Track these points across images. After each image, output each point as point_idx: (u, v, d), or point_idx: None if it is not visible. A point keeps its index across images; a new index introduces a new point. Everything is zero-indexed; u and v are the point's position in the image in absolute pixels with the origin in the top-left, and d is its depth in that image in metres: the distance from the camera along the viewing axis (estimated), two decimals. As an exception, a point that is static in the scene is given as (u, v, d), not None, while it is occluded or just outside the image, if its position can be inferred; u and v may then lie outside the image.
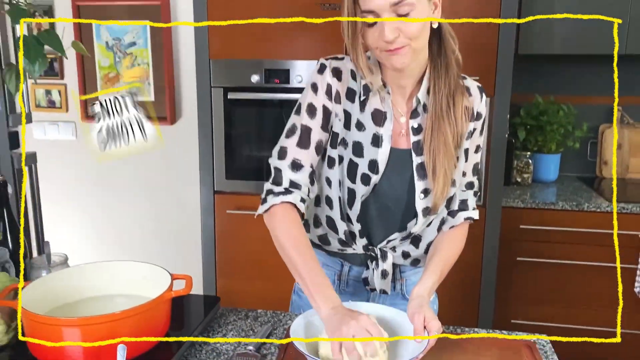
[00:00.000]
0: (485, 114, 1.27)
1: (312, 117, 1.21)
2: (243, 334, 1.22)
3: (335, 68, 1.21)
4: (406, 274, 1.35)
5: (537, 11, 2.44)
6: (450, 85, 1.18)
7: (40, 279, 1.14)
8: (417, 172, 1.20)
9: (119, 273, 1.20)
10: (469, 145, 1.25)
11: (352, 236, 1.28)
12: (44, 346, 1.00)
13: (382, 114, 1.20)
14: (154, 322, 1.06)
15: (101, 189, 2.84)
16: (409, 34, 1.08)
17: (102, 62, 2.61)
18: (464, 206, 1.29)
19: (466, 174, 1.28)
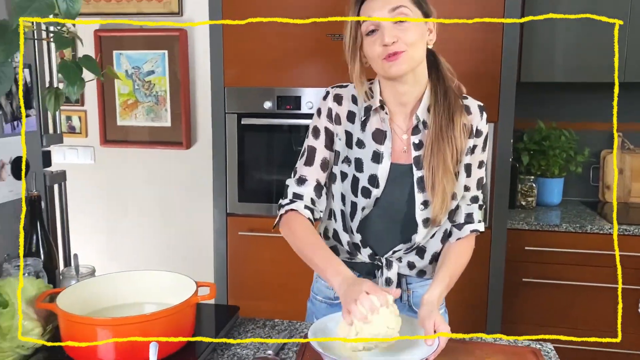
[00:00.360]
0: (486, 132, 1.35)
1: (316, 138, 1.36)
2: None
3: (336, 94, 1.35)
4: (413, 286, 1.41)
5: (539, 35, 2.55)
6: (450, 107, 1.27)
7: (72, 286, 1.22)
8: (417, 185, 1.29)
9: (147, 282, 1.28)
10: (471, 160, 1.33)
11: (356, 247, 1.37)
12: (80, 346, 1.07)
13: (382, 133, 1.30)
14: (182, 325, 1.13)
15: (118, 211, 2.92)
16: (407, 40, 1.20)
17: (122, 90, 2.73)
18: (469, 219, 1.36)
19: (470, 189, 1.36)
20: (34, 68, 1.45)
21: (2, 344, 1.10)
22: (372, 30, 1.22)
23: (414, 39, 1.21)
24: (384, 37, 1.19)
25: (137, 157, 2.83)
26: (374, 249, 1.36)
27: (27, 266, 1.31)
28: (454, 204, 1.33)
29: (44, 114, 1.49)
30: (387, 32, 1.19)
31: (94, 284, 1.25)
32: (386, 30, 1.19)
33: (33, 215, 1.41)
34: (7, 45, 1.20)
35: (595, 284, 2.43)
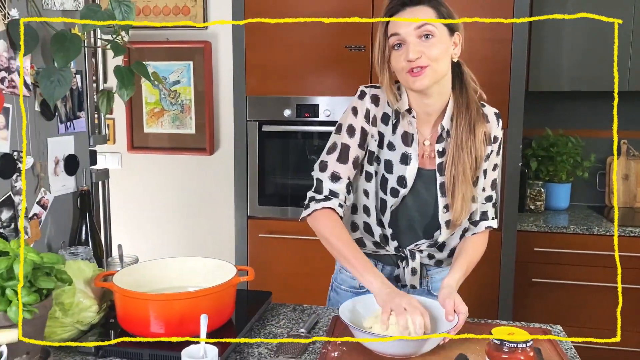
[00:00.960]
0: (500, 137, 1.44)
1: (351, 136, 1.41)
2: (293, 321, 1.41)
3: (374, 95, 1.41)
4: (431, 272, 1.53)
5: (547, 46, 2.68)
6: (471, 119, 1.35)
7: (124, 269, 1.34)
8: (439, 189, 1.39)
9: (191, 267, 1.40)
10: (488, 165, 1.44)
11: (386, 239, 1.47)
12: (135, 319, 1.19)
13: (409, 135, 1.39)
14: (225, 302, 1.25)
15: (143, 214, 3.05)
16: (430, 55, 1.27)
17: (149, 99, 2.88)
18: (484, 217, 1.47)
19: (485, 189, 1.46)
20: (84, 74, 1.59)
21: (64, 319, 1.23)
22: (399, 45, 1.30)
23: (438, 54, 1.28)
24: (408, 53, 1.26)
25: (163, 162, 2.97)
26: (400, 242, 1.47)
27: (79, 253, 1.44)
28: (475, 206, 1.43)
29: (92, 117, 1.63)
30: (412, 48, 1.26)
31: (143, 269, 1.37)
32: (411, 46, 1.26)
33: (83, 208, 1.54)
34: (65, 52, 1.34)
35: (602, 284, 2.52)
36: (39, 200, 1.44)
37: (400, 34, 1.28)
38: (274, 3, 2.55)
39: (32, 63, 1.39)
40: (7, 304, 1.05)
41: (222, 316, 1.26)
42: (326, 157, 1.43)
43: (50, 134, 1.48)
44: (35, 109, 1.42)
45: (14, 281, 1.06)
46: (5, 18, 1.30)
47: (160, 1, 2.82)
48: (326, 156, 1.43)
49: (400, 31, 1.28)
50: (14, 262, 1.06)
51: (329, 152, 1.43)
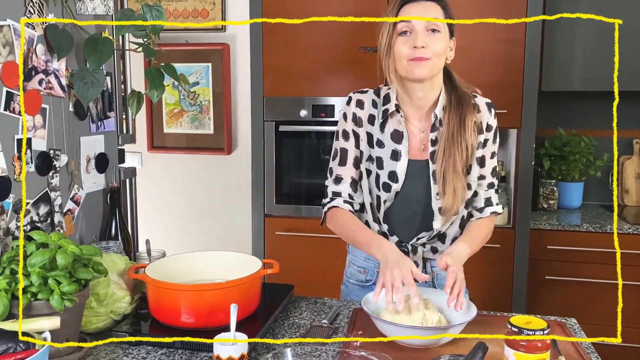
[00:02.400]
0: (495, 125, 1.51)
1: (346, 140, 1.53)
2: (315, 313, 1.46)
3: (358, 99, 1.52)
4: (436, 268, 1.57)
5: (559, 46, 2.72)
6: (462, 112, 1.43)
7: (155, 262, 1.40)
8: (432, 177, 1.46)
9: (218, 260, 1.46)
10: (484, 153, 1.49)
11: (384, 235, 1.52)
12: (166, 309, 1.25)
13: (400, 133, 1.47)
14: (252, 293, 1.31)
15: (163, 213, 3.12)
16: (434, 49, 1.36)
17: (168, 100, 2.95)
18: (488, 203, 1.54)
19: (486, 177, 1.52)
20: (114, 76, 1.66)
21: (99, 309, 1.29)
22: (405, 32, 1.37)
23: (441, 49, 1.37)
24: (416, 40, 1.34)
25: (182, 162, 3.04)
26: (400, 236, 1.52)
27: (110, 248, 1.51)
28: (469, 194, 1.49)
29: (120, 117, 1.69)
30: (420, 37, 1.34)
31: (172, 262, 1.43)
32: (419, 34, 1.35)
33: (113, 204, 1.61)
34: (98, 55, 1.41)
35: (615, 281, 2.55)
36: (72, 196, 1.51)
37: (411, 22, 1.35)
38: (290, 5, 2.61)
39: (66, 65, 1.45)
40: (50, 292, 1.12)
41: (249, 307, 1.32)
42: (331, 163, 1.57)
43: (82, 133, 1.54)
44: (69, 109, 1.49)
45: (56, 271, 1.13)
46: (43, 23, 1.36)
47: (180, 4, 2.89)
48: (331, 162, 1.57)
49: (411, 19, 1.35)
50: (57, 254, 1.12)
51: (332, 159, 1.56)
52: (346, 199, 1.52)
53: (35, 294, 1.11)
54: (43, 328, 1.07)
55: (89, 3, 1.51)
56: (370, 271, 1.60)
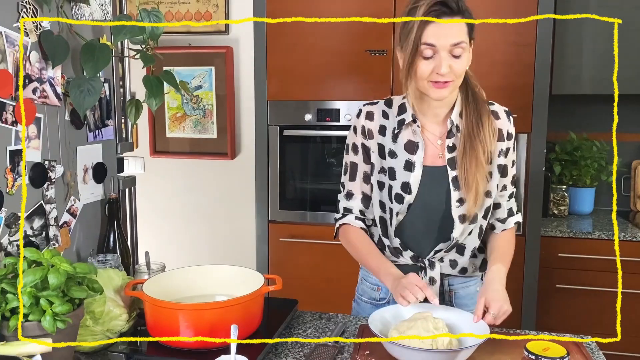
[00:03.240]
0: (514, 134, 1.46)
1: (355, 154, 1.49)
2: (320, 330, 1.40)
3: (368, 112, 1.47)
4: (455, 287, 1.50)
5: (570, 49, 2.65)
6: (478, 110, 1.39)
7: (154, 277, 1.35)
8: (452, 184, 1.40)
9: (219, 275, 1.40)
10: (506, 162, 1.45)
11: (397, 250, 1.47)
12: (164, 328, 1.20)
13: (414, 143, 1.41)
14: (253, 312, 1.26)
15: (165, 218, 3.08)
16: (457, 72, 1.31)
17: (171, 104, 2.90)
18: (511, 213, 1.50)
19: (507, 187, 1.48)
20: (112, 83, 1.61)
21: (94, 327, 1.24)
22: (430, 56, 1.29)
23: (463, 70, 1.33)
24: (440, 66, 1.28)
25: (185, 167, 2.99)
26: (415, 251, 1.46)
27: (107, 261, 1.45)
28: (489, 201, 1.43)
29: (118, 125, 1.64)
30: (444, 62, 1.28)
31: (171, 277, 1.38)
32: (443, 60, 1.28)
33: (111, 215, 1.56)
34: (95, 62, 1.36)
35: (629, 291, 2.48)
36: (69, 208, 1.46)
37: (435, 46, 1.28)
38: (294, 7, 2.56)
39: (62, 73, 1.40)
40: (42, 313, 1.07)
41: (251, 326, 1.26)
42: (342, 177, 1.54)
43: (79, 142, 1.49)
44: (65, 118, 1.44)
45: (49, 291, 1.08)
46: (37, 29, 1.31)
47: (182, 7, 2.84)
48: (342, 177, 1.54)
49: (436, 43, 1.28)
50: (48, 273, 1.07)
51: (343, 174, 1.53)
52: (357, 216, 1.50)
53: (27, 314, 1.06)
54: (34, 352, 1.02)
55: (85, 8, 1.45)
56: (383, 288, 1.53)
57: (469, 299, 1.50)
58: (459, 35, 1.28)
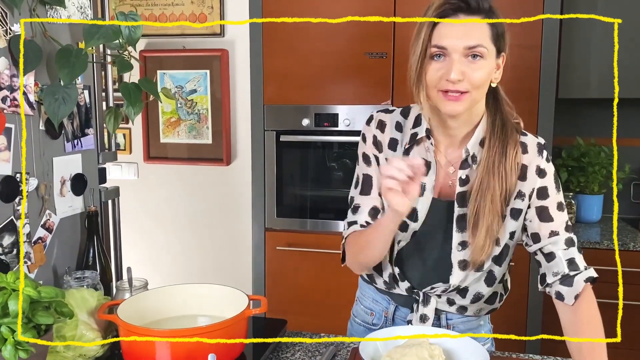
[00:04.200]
0: (552, 171, 1.23)
1: (368, 164, 1.30)
2: (310, 354, 1.32)
3: (380, 120, 1.29)
4: (453, 322, 1.34)
5: (577, 52, 2.56)
6: (505, 140, 1.17)
7: (130, 298, 1.27)
8: (457, 223, 1.21)
9: (201, 294, 1.32)
10: (548, 204, 1.21)
11: (395, 279, 1.31)
12: (140, 355, 1.12)
13: (426, 163, 1.21)
14: (235, 336, 1.17)
15: (159, 225, 3.00)
16: (474, 81, 1.10)
17: (165, 108, 2.82)
18: (574, 267, 1.21)
19: (559, 233, 1.21)
20: (92, 90, 1.53)
21: (66, 353, 1.16)
22: (439, 55, 1.11)
23: (482, 79, 1.11)
24: (450, 71, 1.09)
25: (179, 173, 2.91)
26: (412, 282, 1.31)
27: (85, 279, 1.37)
28: (497, 250, 1.23)
29: (100, 133, 1.56)
30: (456, 67, 1.09)
31: (151, 296, 1.30)
32: (455, 64, 1.09)
33: (90, 230, 1.48)
34: (71, 68, 1.28)
35: (637, 303, 2.39)
36: (44, 223, 1.38)
37: (446, 48, 1.10)
38: (291, 8, 2.49)
39: (36, 80, 1.32)
40: (2, 342, 0.99)
41: (233, 351, 1.18)
42: (352, 191, 1.34)
43: (55, 153, 1.41)
44: (39, 127, 1.36)
45: (9, 318, 1.00)
46: (6, 34, 1.23)
47: (177, 9, 2.76)
48: (352, 190, 1.34)
49: (447, 44, 1.10)
50: (9, 298, 0.99)
51: (354, 187, 1.33)
52: (363, 224, 1.28)
53: (-14, 344, 0.98)
54: (-7, 385, 0.94)
55: (62, 11, 1.38)
56: (377, 314, 1.40)
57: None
58: (477, 38, 1.09)
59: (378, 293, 1.40)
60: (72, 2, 1.40)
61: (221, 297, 1.30)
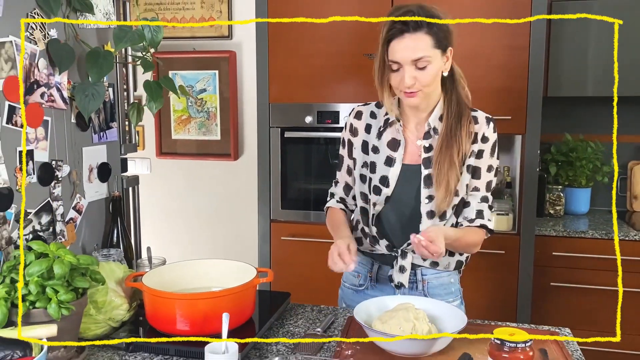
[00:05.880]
0: (493, 139, 1.53)
1: (343, 148, 1.65)
2: (310, 321, 1.48)
3: (358, 111, 1.61)
4: (428, 277, 1.59)
5: (566, 52, 2.71)
6: (459, 113, 1.49)
7: (153, 270, 1.43)
8: (424, 181, 1.50)
9: (214, 268, 1.49)
10: (479, 164, 1.52)
11: (375, 239, 1.58)
12: (162, 317, 1.28)
13: (397, 141, 1.53)
14: (245, 302, 1.34)
15: (171, 217, 3.17)
16: (424, 83, 1.42)
17: (176, 107, 3.00)
18: (480, 215, 1.54)
19: (480, 189, 1.54)
20: (116, 87, 1.70)
21: (97, 316, 1.32)
22: (396, 69, 1.42)
23: (430, 80, 1.42)
24: (404, 79, 1.40)
25: (189, 167, 3.08)
26: (390, 241, 1.56)
27: (110, 255, 1.54)
28: (457, 199, 1.51)
29: (122, 127, 1.73)
30: (407, 75, 1.39)
31: (170, 270, 1.47)
32: (407, 73, 1.39)
33: (115, 212, 1.65)
34: (99, 68, 1.45)
35: (625, 289, 2.52)
36: (75, 205, 1.55)
37: (399, 62, 1.40)
38: (296, 11, 2.63)
39: (68, 78, 1.50)
40: (47, 301, 1.15)
41: (243, 315, 1.34)
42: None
43: (84, 143, 1.58)
44: (71, 121, 1.53)
45: (54, 280, 1.16)
46: (45, 38, 1.41)
47: (187, 12, 2.93)
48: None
49: (399, 59, 1.39)
50: (54, 263, 1.16)
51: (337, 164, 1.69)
52: (338, 200, 1.67)
53: (34, 302, 1.15)
54: (40, 335, 1.11)
55: (91, 17, 1.55)
56: (362, 275, 1.65)
57: (442, 289, 1.58)
58: (421, 51, 1.38)
59: (363, 256, 1.65)
60: (99, 9, 1.57)
61: (232, 271, 1.46)
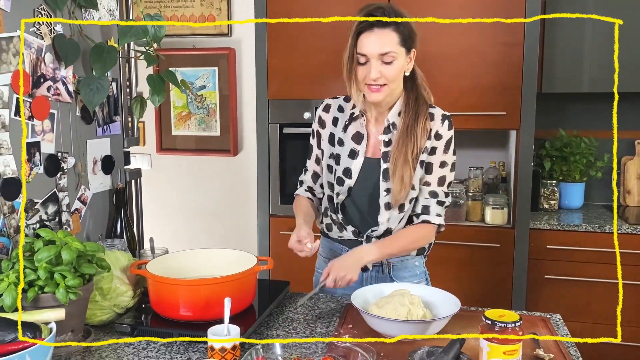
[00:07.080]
0: (447, 137, 1.58)
1: (313, 138, 1.72)
2: (309, 308, 1.53)
3: (327, 104, 1.68)
4: (393, 261, 1.66)
5: (561, 46, 2.75)
6: (417, 111, 1.55)
7: (157, 259, 1.48)
8: (382, 175, 1.57)
9: (216, 257, 1.53)
10: (432, 160, 1.58)
11: (341, 225, 1.65)
12: (165, 302, 1.33)
13: (360, 135, 1.60)
14: (246, 288, 1.38)
15: (171, 212, 3.21)
16: (389, 77, 1.48)
17: (176, 103, 3.04)
18: (425, 211, 1.60)
19: (430, 184, 1.60)
20: (119, 82, 1.74)
21: (103, 302, 1.37)
22: (363, 62, 1.48)
23: (395, 75, 1.49)
24: (370, 72, 1.46)
25: (189, 163, 3.12)
26: (357, 227, 1.63)
27: (115, 245, 1.59)
28: (414, 193, 1.58)
29: (125, 121, 1.78)
30: (374, 68, 1.46)
31: (173, 259, 1.51)
32: (373, 67, 1.46)
33: (118, 204, 1.69)
34: (103, 63, 1.49)
35: (614, 281, 2.58)
36: (80, 196, 1.59)
37: (366, 55, 1.47)
38: (294, 9, 2.68)
39: (73, 73, 1.54)
40: (55, 286, 1.20)
41: (244, 301, 1.39)
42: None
43: (89, 136, 1.63)
44: (76, 114, 1.57)
45: (62, 266, 1.21)
46: (51, 33, 1.45)
47: (187, 10, 2.97)
48: None
49: (367, 52, 1.46)
50: (62, 250, 1.20)
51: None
52: (306, 188, 1.75)
53: (42, 287, 1.19)
54: (49, 319, 1.15)
55: (94, 13, 1.59)
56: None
57: (407, 272, 1.66)
58: (388, 46, 1.45)
59: (333, 242, 1.72)
60: (102, 5, 1.62)
61: (233, 260, 1.51)
